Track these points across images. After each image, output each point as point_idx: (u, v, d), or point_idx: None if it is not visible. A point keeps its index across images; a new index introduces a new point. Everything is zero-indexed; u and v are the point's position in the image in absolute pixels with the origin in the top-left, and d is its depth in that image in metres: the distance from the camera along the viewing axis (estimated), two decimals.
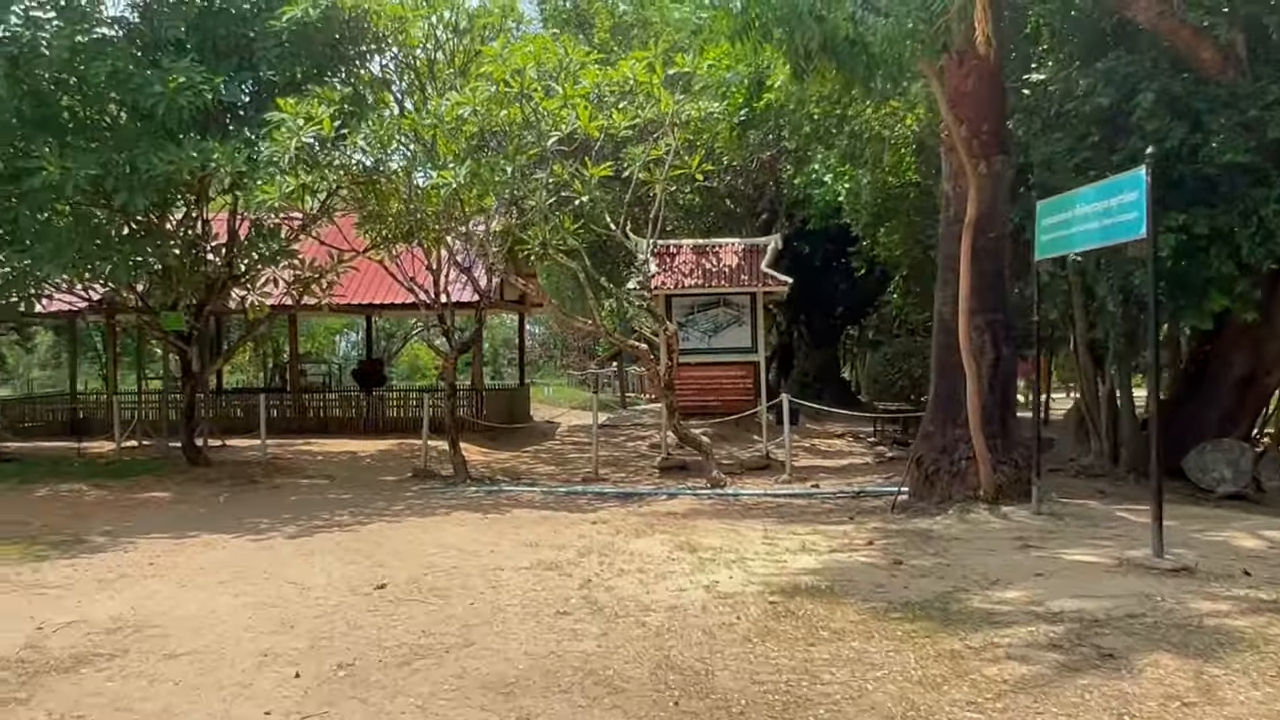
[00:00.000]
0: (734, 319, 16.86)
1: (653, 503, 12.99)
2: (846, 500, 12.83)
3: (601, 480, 15.51)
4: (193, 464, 16.88)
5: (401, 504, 13.24)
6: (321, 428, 22.92)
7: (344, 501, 13.57)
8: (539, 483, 15.48)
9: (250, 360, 54.38)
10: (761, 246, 16.98)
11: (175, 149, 12.77)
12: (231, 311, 21.54)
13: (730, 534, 10.46)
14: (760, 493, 13.41)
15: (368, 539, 10.57)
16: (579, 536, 10.42)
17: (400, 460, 18.83)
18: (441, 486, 15.04)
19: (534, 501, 13.26)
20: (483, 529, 11.04)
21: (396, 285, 23.45)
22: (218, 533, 11.21)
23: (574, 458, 19.74)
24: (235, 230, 16.76)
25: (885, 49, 8.81)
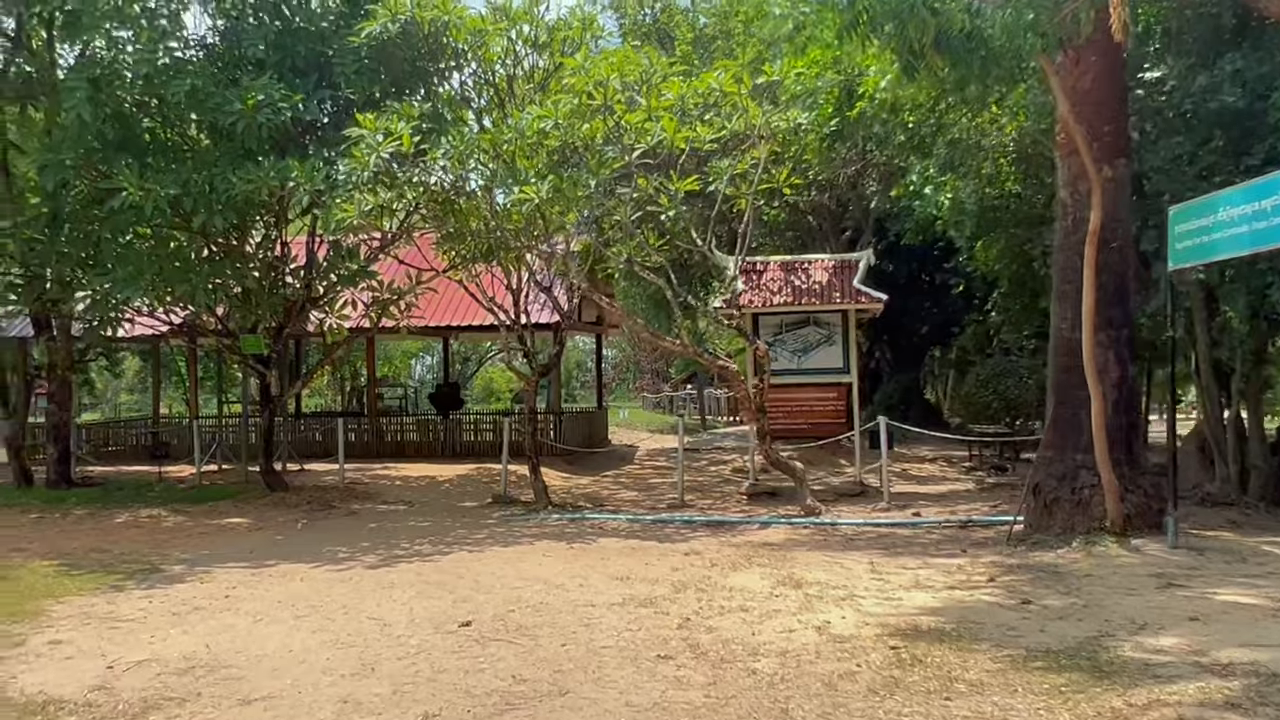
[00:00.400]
0: (824, 338, 16.15)
1: (745, 532, 12.31)
2: (953, 531, 12.01)
3: (688, 507, 14.87)
4: (271, 489, 16.63)
5: (483, 532, 12.74)
6: (399, 452, 22.66)
7: (423, 529, 13.13)
8: (623, 510, 14.90)
9: (328, 384, 54.94)
10: (853, 262, 16.26)
11: (254, 168, 12.53)
12: (310, 335, 21.41)
13: (834, 567, 9.74)
14: (859, 522, 12.65)
15: (449, 570, 10.06)
16: (672, 569, 9.79)
17: (479, 485, 18.39)
18: (523, 513, 14.53)
19: (620, 530, 12.67)
20: (569, 560, 10.47)
21: (474, 306, 23.20)
22: (296, 561, 10.81)
23: (656, 483, 19.13)
24: (314, 252, 16.55)
25: (1004, 42, 8.13)
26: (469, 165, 12.71)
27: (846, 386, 16.16)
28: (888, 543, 11.25)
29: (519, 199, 12.15)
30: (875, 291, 15.74)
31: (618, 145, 13.10)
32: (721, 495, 16.59)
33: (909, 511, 13.49)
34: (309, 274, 16.36)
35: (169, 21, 13.67)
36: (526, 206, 12.41)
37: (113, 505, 15.82)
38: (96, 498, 16.62)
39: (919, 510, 13.40)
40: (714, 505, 15.25)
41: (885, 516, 13.19)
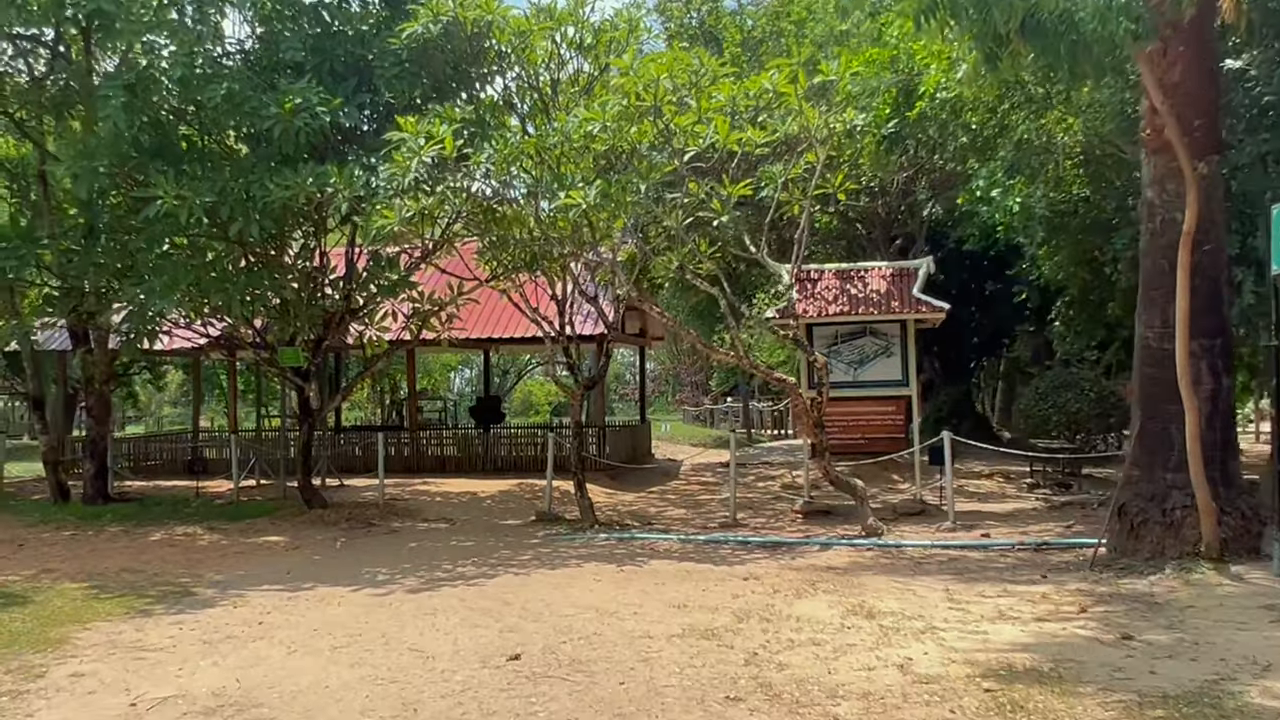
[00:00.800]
0: (882, 349, 15.46)
1: (805, 554, 11.64)
2: (1028, 554, 11.26)
3: (740, 526, 14.22)
4: (309, 506, 16.19)
5: (528, 552, 12.18)
6: (439, 467, 22.18)
7: (466, 550, 12.58)
8: (673, 529, 14.28)
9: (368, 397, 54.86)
10: (912, 270, 15.56)
11: (291, 174, 12.09)
12: (350, 347, 21.03)
13: (907, 595, 9.07)
14: (926, 544, 11.93)
15: (494, 595, 9.49)
16: (732, 596, 9.17)
17: (521, 502, 17.85)
18: (568, 532, 13.95)
19: (672, 552, 12.05)
20: (621, 585, 9.87)
21: (515, 318, 22.73)
22: (333, 584, 10.30)
23: (704, 500, 18.48)
24: (353, 262, 16.12)
25: (1095, 27, 7.46)
26: (512, 170, 12.18)
27: (905, 400, 15.45)
28: (959, 567, 10.54)
29: (565, 204, 11.60)
30: (937, 300, 15.04)
31: (666, 149, 12.54)
32: (774, 513, 15.91)
33: (977, 533, 12.76)
34: (348, 285, 15.93)
35: (206, 26, 13.30)
36: (573, 212, 11.87)
37: (148, 522, 15.44)
38: (132, 514, 16.25)
39: (987, 531, 12.66)
40: (767, 524, 14.59)
41: (952, 538, 12.46)
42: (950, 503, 13.49)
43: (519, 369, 69.83)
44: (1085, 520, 13.58)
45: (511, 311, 22.83)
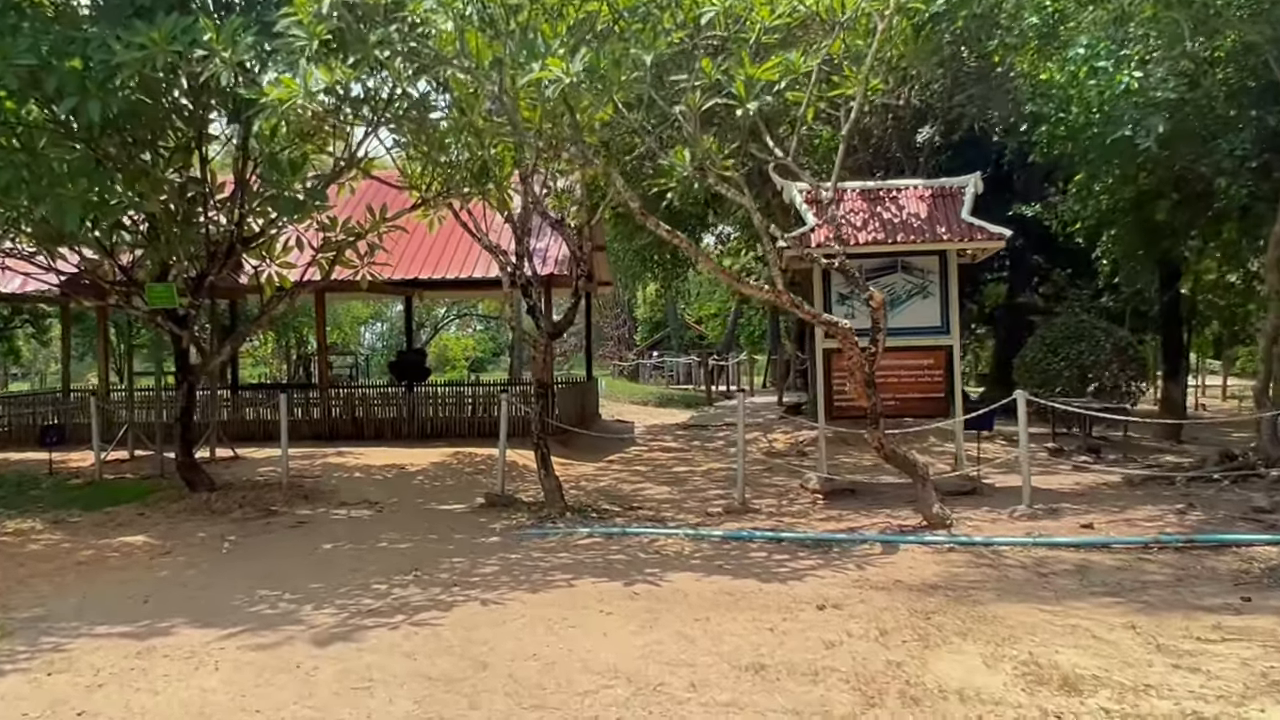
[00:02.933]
0: (917, 288, 12.43)
1: (871, 559, 8.58)
2: (1173, 555, 8.35)
3: (753, 513, 11.14)
4: (192, 488, 12.62)
5: (490, 560, 8.88)
6: (356, 433, 18.66)
7: (402, 555, 9.24)
8: (666, 516, 11.13)
9: (273, 352, 50.58)
10: (955, 189, 12.54)
11: (146, 29, 8.42)
12: (245, 290, 17.32)
13: (1083, 639, 6.06)
14: (1023, 541, 8.96)
15: (459, 647, 6.22)
16: (824, 645, 6.04)
17: (461, 478, 14.51)
18: (533, 523, 10.72)
19: (687, 556, 8.88)
20: (645, 623, 6.66)
21: (446, 256, 19.20)
22: (211, 623, 6.90)
23: (682, 474, 15.36)
24: (244, 175, 12.47)
25: None
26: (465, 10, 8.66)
27: (946, 351, 12.47)
28: (1106, 581, 7.56)
29: (539, 77, 8.18)
30: (993, 226, 12.04)
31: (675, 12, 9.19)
32: (783, 492, 12.86)
33: (1072, 522, 9.86)
34: (239, 204, 12.28)
35: None
36: (551, 90, 8.45)
37: None
38: None
39: (1089, 523, 9.74)
40: (784, 508, 11.52)
41: (1047, 529, 9.53)
42: (1026, 480, 10.54)
43: (434, 322, 65.85)
44: (1182, 501, 10.81)
45: (441, 249, 19.32)
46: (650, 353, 61.24)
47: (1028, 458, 10.59)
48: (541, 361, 11.83)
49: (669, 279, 34.02)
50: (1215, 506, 10.40)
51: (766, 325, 54.75)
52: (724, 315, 59.25)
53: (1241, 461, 11.85)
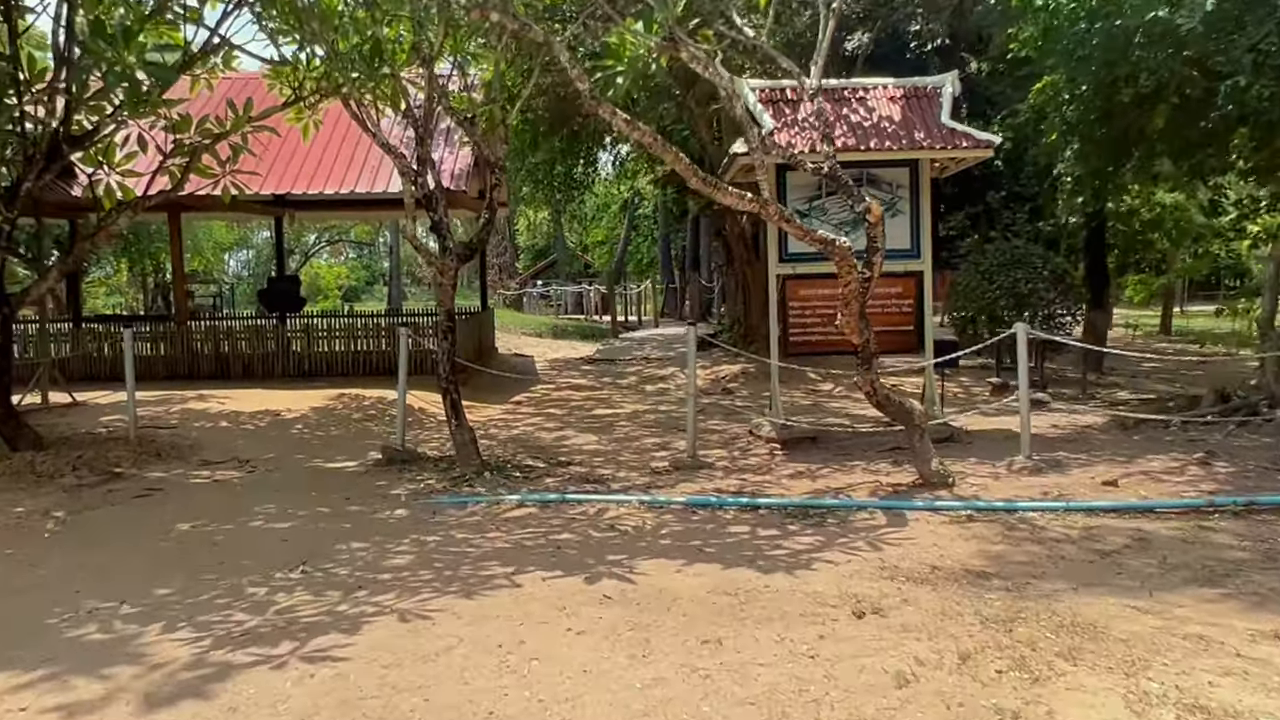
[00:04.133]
0: (884, 206, 10.74)
1: (877, 531, 6.95)
2: (1233, 521, 6.95)
3: (706, 468, 9.42)
4: (11, 445, 10.23)
5: (403, 545, 6.93)
6: (221, 372, 16.27)
7: (285, 541, 7.21)
8: (605, 474, 9.33)
9: (128, 281, 46.62)
10: (930, 90, 10.85)
11: None
12: (84, 205, 14.61)
13: (1222, 655, 4.53)
14: (1050, 505, 7.45)
15: (378, 701, 4.31)
16: (894, 681, 4.34)
17: (349, 426, 12.43)
18: (445, 486, 8.79)
19: (651, 534, 7.09)
20: (637, 649, 4.84)
21: (322, 170, 16.74)
22: (13, 663, 4.82)
23: (606, 417, 13.56)
24: (66, 53, 9.93)
25: None
26: None
27: (916, 278, 10.89)
28: (1187, 561, 6.06)
29: None
30: (979, 132, 10.43)
31: None
32: (728, 440, 11.20)
33: (1087, 478, 8.43)
34: (63, 89, 9.77)
35: None
36: None
37: None
38: None
39: (1113, 479, 8.31)
40: (740, 462, 9.85)
41: (1059, 487, 8.06)
42: (1025, 426, 9.06)
43: (304, 249, 62.03)
44: (1190, 447, 9.53)
45: (318, 160, 16.83)
46: (534, 281, 58.89)
47: (1028, 401, 9.10)
48: (449, 289, 9.76)
49: (566, 202, 31.91)
50: (1235, 455, 9.13)
51: (656, 253, 53.19)
52: (612, 243, 57.36)
53: (1239, 402, 10.66)
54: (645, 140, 7.08)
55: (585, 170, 30.93)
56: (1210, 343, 25.59)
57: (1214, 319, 31.70)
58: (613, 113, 6.99)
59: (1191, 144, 11.45)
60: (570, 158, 27.35)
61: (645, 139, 7.06)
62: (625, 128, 7.02)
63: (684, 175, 7.35)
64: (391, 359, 16.22)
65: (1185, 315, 35.41)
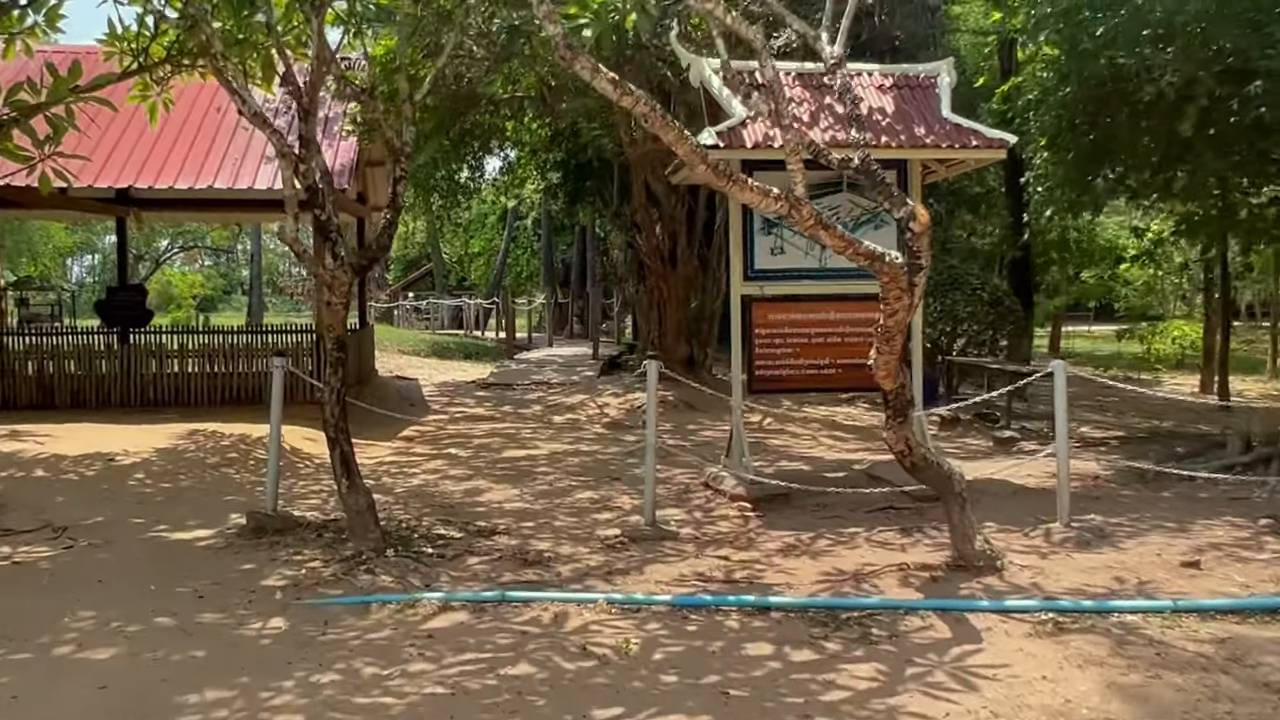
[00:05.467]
0: (867, 215, 9.06)
1: (945, 648, 5.09)
2: None
3: (669, 538, 7.47)
4: None
5: (284, 694, 4.70)
6: (44, 400, 13.52)
7: (102, 680, 4.91)
8: (534, 543, 7.27)
9: None
10: (925, 79, 9.17)
11: None
12: None
13: None
14: (1157, 605, 5.72)
15: None
16: None
17: (203, 474, 10.02)
18: (334, 568, 6.60)
19: (641, 661, 5.07)
20: None
21: (177, 158, 14.11)
22: None
23: (519, 460, 11.45)
24: None
25: None
26: None
27: None
28: None
29: None
30: (992, 130, 8.79)
31: None
32: (680, 493, 9.24)
33: (1153, 555, 6.79)
34: None
35: None
36: None
37: None
38: None
39: (1194, 559, 6.66)
40: (710, 530, 7.91)
41: (1132, 571, 6.39)
42: (1063, 486, 7.38)
43: (155, 255, 57.59)
44: (1248, 507, 8.06)
45: (169, 149, 14.23)
46: (406, 293, 55.89)
47: (1066, 453, 7.43)
48: (341, 308, 7.55)
49: (447, 208, 29.55)
50: None
51: (537, 265, 50.98)
52: (490, 254, 54.97)
53: (1268, 450, 9.27)
54: (638, 109, 5.09)
55: (472, 175, 28.70)
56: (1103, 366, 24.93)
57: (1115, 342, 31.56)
58: (594, 69, 4.97)
59: (1221, 150, 10.05)
60: (456, 161, 25.07)
61: (638, 107, 5.07)
62: (611, 89, 5.01)
63: (687, 158, 5.39)
64: (257, 384, 13.83)
65: (1091, 337, 35.25)
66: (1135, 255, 23.39)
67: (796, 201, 5.42)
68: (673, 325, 17.17)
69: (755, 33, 5.71)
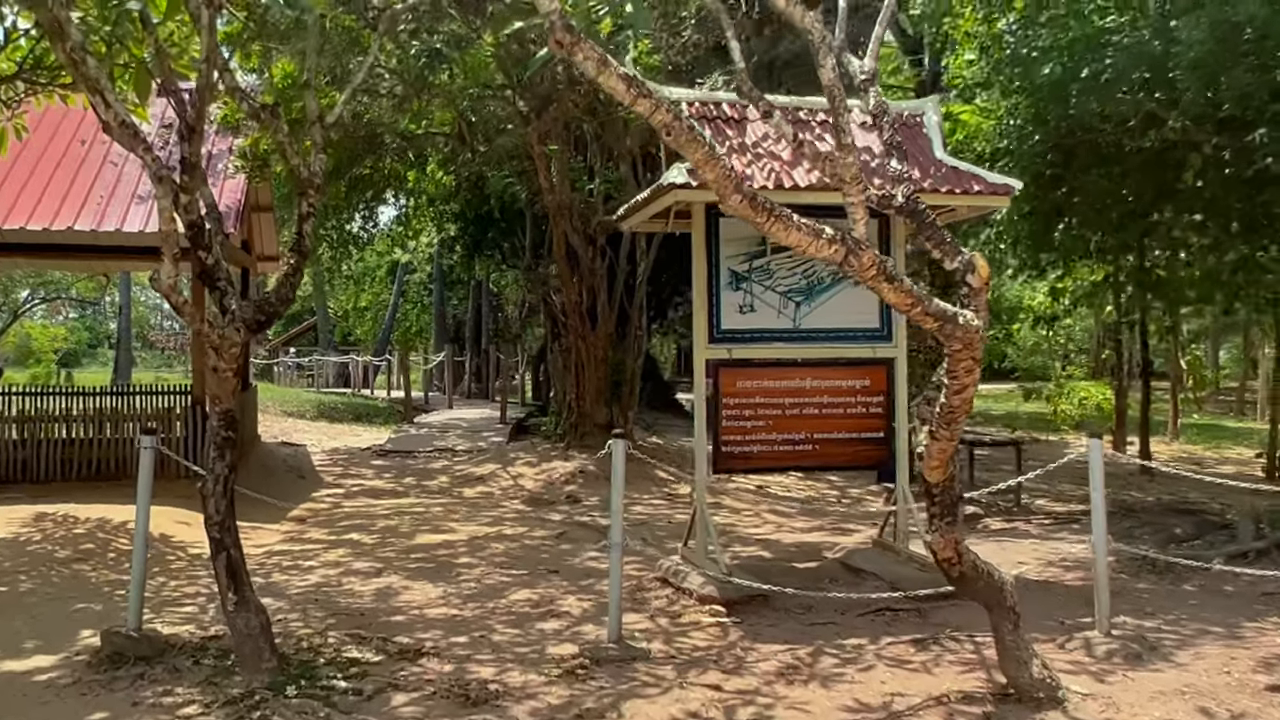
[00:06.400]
0: (832, 269, 7.97)
1: None
2: None
3: (638, 658, 6.09)
4: None
5: None
6: None
7: None
8: (479, 673, 5.82)
9: None
10: (910, 117, 8.13)
11: None
12: None
13: None
14: None
15: None
16: None
17: (50, 572, 8.23)
18: (217, 713, 5.02)
19: None
20: None
21: (26, 204, 12.27)
22: None
23: (436, 549, 9.89)
24: None
25: None
26: None
27: (886, 366, 8.06)
28: None
29: None
30: (993, 174, 7.77)
31: None
32: (639, 596, 7.83)
33: (1219, 671, 5.71)
34: None
35: None
36: None
37: None
38: None
39: (1274, 681, 5.62)
40: (684, 645, 6.54)
41: (1212, 696, 5.29)
42: (1102, 590, 6.28)
43: (14, 306, 53.59)
44: (1275, 605, 7.12)
45: (19, 187, 12.38)
46: (287, 348, 53.16)
47: (1105, 549, 6.34)
48: (230, 374, 6.01)
49: (337, 260, 27.67)
50: None
51: (428, 321, 49.06)
52: (377, 309, 52.85)
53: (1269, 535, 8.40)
54: (658, 117, 3.81)
55: (364, 226, 26.97)
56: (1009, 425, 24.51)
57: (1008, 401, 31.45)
58: (601, 61, 3.66)
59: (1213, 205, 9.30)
60: (348, 210, 23.38)
61: (658, 114, 3.79)
62: (623, 89, 3.71)
63: (718, 185, 4.12)
64: (121, 455, 12.00)
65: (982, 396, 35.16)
66: (1052, 316, 23.06)
67: (856, 245, 4.21)
68: (592, 387, 15.83)
69: (813, 22, 4.51)
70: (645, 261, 15.98)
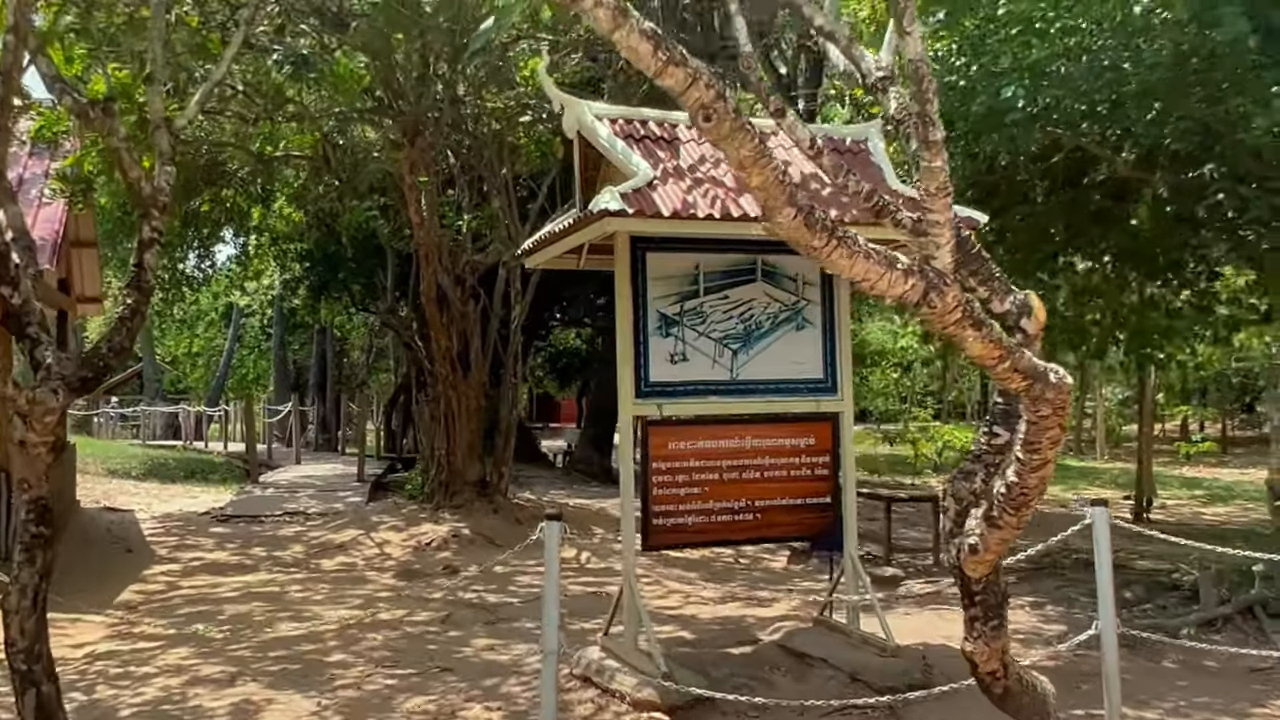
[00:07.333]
0: (786, 311, 7.01)
1: None
2: None
3: None
4: None
5: None
6: None
7: None
8: None
9: None
10: (854, 143, 7.21)
11: None
12: None
13: None
14: None
15: None
16: None
17: None
18: None
19: None
20: None
21: None
22: None
23: (297, 643, 8.37)
24: None
25: None
26: None
27: (831, 422, 7.12)
28: None
29: None
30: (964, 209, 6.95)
31: None
32: (563, 700, 6.58)
33: None
34: None
35: None
36: None
37: None
38: None
39: None
40: None
41: None
42: (1112, 688, 5.43)
43: None
44: (1266, 682, 6.46)
45: None
46: (108, 397, 49.16)
47: (1115, 635, 5.50)
48: (44, 452, 4.55)
49: (169, 302, 25.33)
50: None
51: (266, 366, 46.25)
52: (211, 355, 49.57)
53: (1246, 599, 7.81)
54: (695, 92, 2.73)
55: (199, 265, 24.77)
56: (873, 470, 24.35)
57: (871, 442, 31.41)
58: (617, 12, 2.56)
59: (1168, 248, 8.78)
60: (183, 247, 21.30)
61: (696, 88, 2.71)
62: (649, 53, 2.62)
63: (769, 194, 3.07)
64: None
65: None
66: (926, 360, 22.98)
67: (940, 280, 3.19)
68: (464, 441, 14.45)
69: None
70: (521, 304, 14.77)
